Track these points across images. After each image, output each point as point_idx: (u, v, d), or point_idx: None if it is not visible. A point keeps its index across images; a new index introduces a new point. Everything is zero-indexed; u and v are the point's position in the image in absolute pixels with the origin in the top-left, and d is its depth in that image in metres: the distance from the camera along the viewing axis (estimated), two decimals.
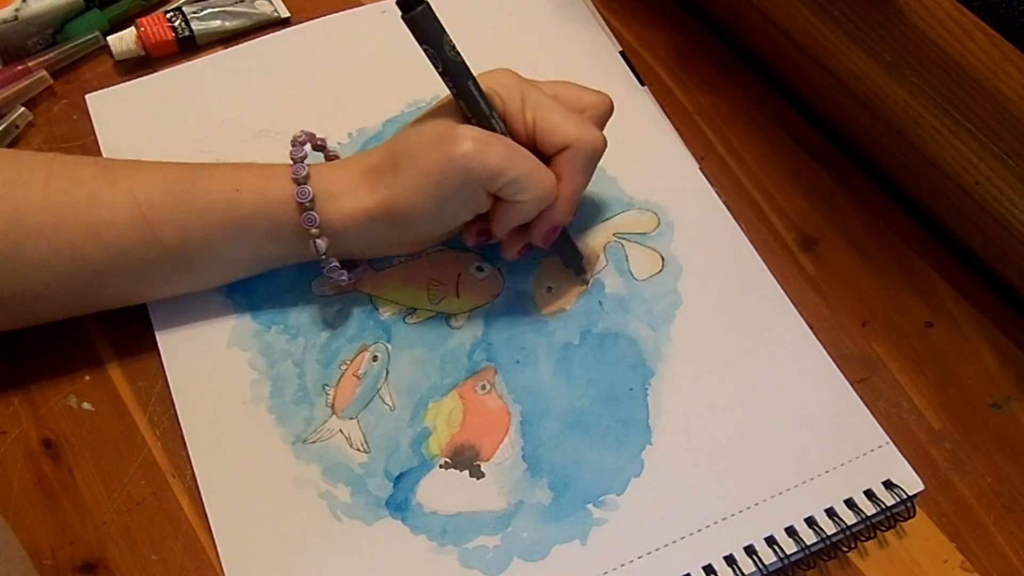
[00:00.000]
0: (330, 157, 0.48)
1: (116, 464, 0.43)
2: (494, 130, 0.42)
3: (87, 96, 0.54)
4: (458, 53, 0.41)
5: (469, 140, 0.41)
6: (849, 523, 0.41)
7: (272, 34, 0.57)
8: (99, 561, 0.41)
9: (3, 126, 0.52)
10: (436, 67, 0.41)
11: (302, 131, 0.45)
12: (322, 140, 0.47)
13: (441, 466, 0.43)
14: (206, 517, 0.41)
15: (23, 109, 0.53)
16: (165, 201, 0.42)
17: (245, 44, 0.56)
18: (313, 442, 0.43)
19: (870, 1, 0.46)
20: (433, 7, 0.41)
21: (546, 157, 0.43)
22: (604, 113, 0.45)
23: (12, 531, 0.41)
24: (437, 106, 0.44)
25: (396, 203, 0.42)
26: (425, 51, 0.41)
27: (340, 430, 0.44)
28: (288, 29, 0.57)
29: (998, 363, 0.48)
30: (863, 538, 0.42)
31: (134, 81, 0.55)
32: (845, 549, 0.42)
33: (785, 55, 0.55)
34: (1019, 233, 0.46)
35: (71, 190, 0.41)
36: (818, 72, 0.52)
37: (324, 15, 0.58)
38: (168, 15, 0.56)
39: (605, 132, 0.44)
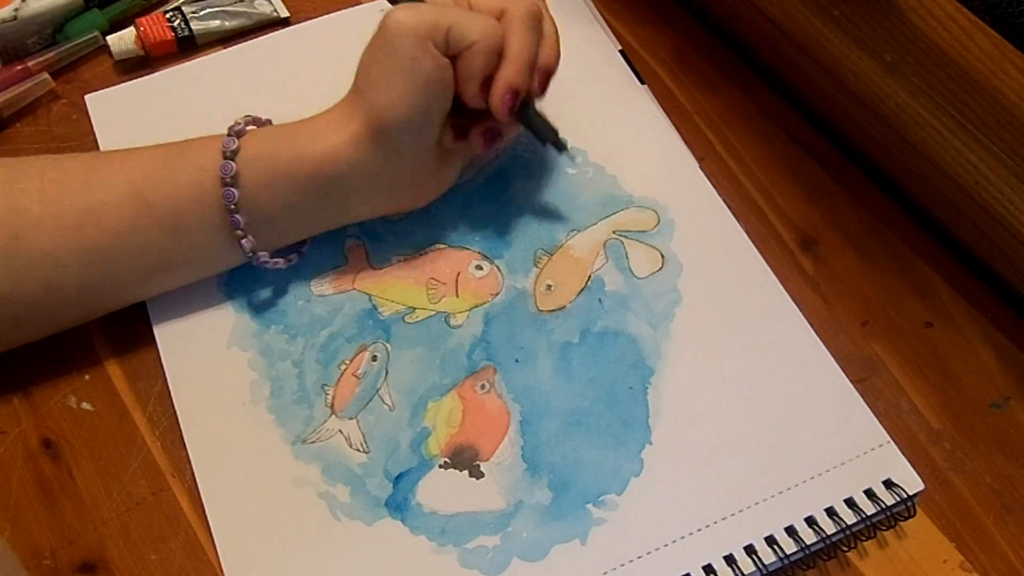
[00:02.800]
0: None
1: (116, 464, 0.43)
2: None
3: (86, 97, 0.54)
4: None
5: (399, 11, 0.42)
6: (849, 523, 0.41)
7: (271, 33, 0.57)
8: (99, 561, 0.41)
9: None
10: None
11: (246, 116, 0.46)
12: (267, 119, 0.47)
13: (441, 466, 0.43)
14: (206, 517, 0.41)
15: (46, 76, 0.54)
16: (158, 174, 0.43)
17: (244, 43, 0.56)
18: (313, 442, 0.43)
19: (870, 1, 0.46)
20: None
21: None
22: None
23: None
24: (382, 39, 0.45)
25: (374, 114, 0.43)
26: None
27: (339, 430, 0.44)
28: (288, 28, 0.57)
29: (998, 363, 0.48)
30: (863, 538, 0.42)
31: (133, 81, 0.55)
32: (845, 549, 0.42)
33: (785, 55, 0.55)
34: (1019, 233, 0.46)
35: (66, 179, 0.42)
36: (818, 72, 0.52)
37: (323, 15, 0.58)
38: (167, 15, 0.56)
39: (602, 131, 0.44)
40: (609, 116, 0.54)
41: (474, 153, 0.49)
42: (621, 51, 0.57)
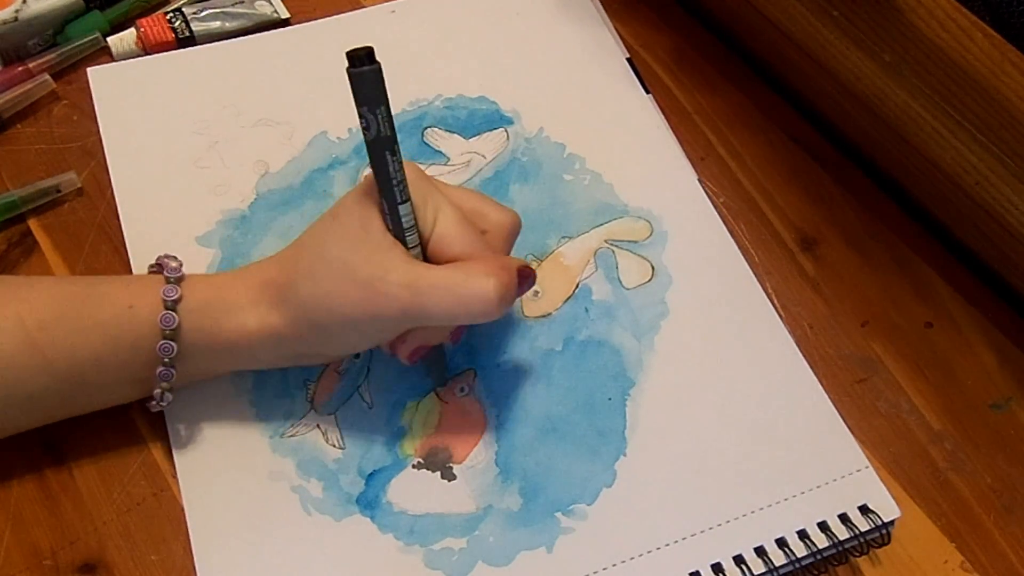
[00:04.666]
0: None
1: (116, 464, 0.43)
2: (412, 231, 0.39)
3: (88, 69, 0.54)
4: (393, 128, 0.37)
5: (402, 289, 0.37)
6: (821, 547, 0.41)
7: (276, 31, 0.57)
8: (99, 561, 0.41)
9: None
10: (367, 136, 0.37)
11: (162, 256, 0.42)
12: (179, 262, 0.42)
13: (414, 466, 0.43)
14: None
15: (47, 77, 0.53)
16: (54, 323, 0.39)
17: (250, 37, 0.57)
18: (291, 436, 0.43)
19: (870, 1, 0.46)
20: (436, 9, 0.39)
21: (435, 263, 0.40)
22: (508, 234, 0.42)
23: None
24: (348, 205, 0.40)
25: (306, 331, 0.39)
26: (361, 117, 0.37)
27: (318, 425, 0.44)
28: (293, 27, 0.57)
29: (998, 363, 0.48)
30: (835, 563, 0.42)
31: (138, 59, 0.55)
32: (816, 573, 0.41)
33: (785, 56, 0.55)
34: (1019, 233, 0.46)
35: None
36: (818, 72, 0.52)
37: (324, 16, 0.58)
38: (168, 16, 0.56)
39: (603, 138, 0.43)
40: (611, 123, 0.54)
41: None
42: (629, 59, 0.57)
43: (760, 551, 0.41)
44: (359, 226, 0.39)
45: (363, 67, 0.36)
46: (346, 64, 0.36)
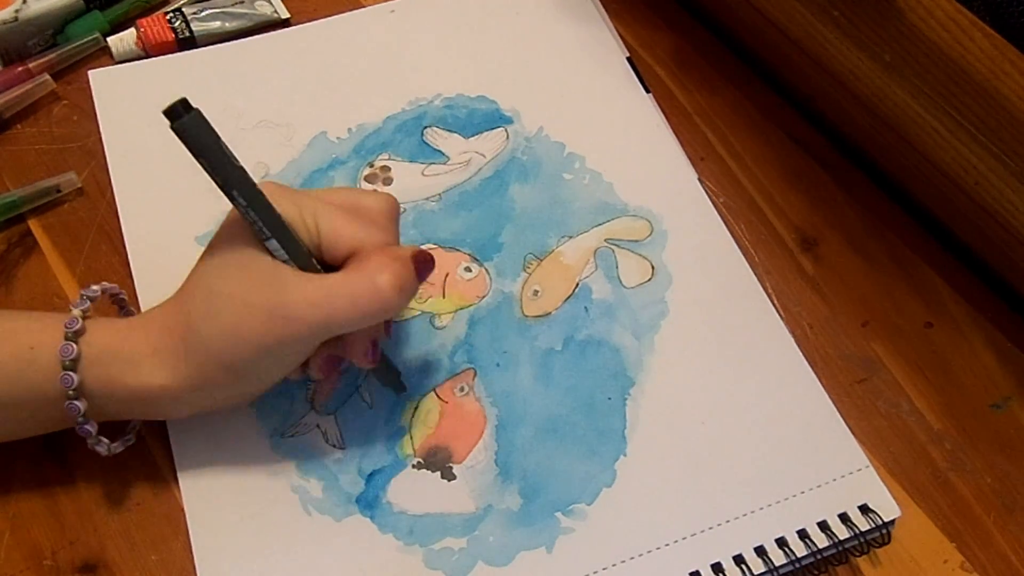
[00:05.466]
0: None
1: (116, 464, 0.43)
2: (294, 247, 0.38)
3: (89, 72, 0.54)
4: (237, 160, 0.37)
5: (302, 307, 0.37)
6: (821, 546, 0.41)
7: (276, 32, 0.57)
8: (99, 561, 0.41)
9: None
10: (217, 180, 0.36)
11: (100, 284, 0.41)
12: (122, 295, 0.43)
13: (414, 466, 0.43)
14: None
15: (47, 77, 0.53)
16: None
17: (250, 39, 0.57)
18: (291, 436, 0.43)
19: (870, 1, 0.46)
20: (436, 8, 0.39)
21: (334, 267, 0.39)
22: (389, 216, 0.41)
23: None
24: (223, 239, 0.39)
25: (213, 377, 0.38)
26: (203, 164, 0.36)
27: (317, 425, 0.44)
28: (293, 28, 0.58)
29: (998, 363, 0.48)
30: (835, 563, 0.42)
31: (138, 62, 0.55)
32: (816, 572, 0.41)
33: (785, 56, 0.55)
34: (1019, 233, 0.46)
35: None
36: (818, 72, 0.52)
37: (324, 16, 0.58)
38: (168, 16, 0.56)
39: (603, 138, 0.43)
40: (611, 122, 0.54)
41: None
42: (629, 59, 0.57)
43: (760, 551, 0.41)
44: (241, 256, 0.38)
45: (182, 118, 0.35)
46: (167, 121, 0.35)
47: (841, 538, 0.41)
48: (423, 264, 0.40)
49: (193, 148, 0.36)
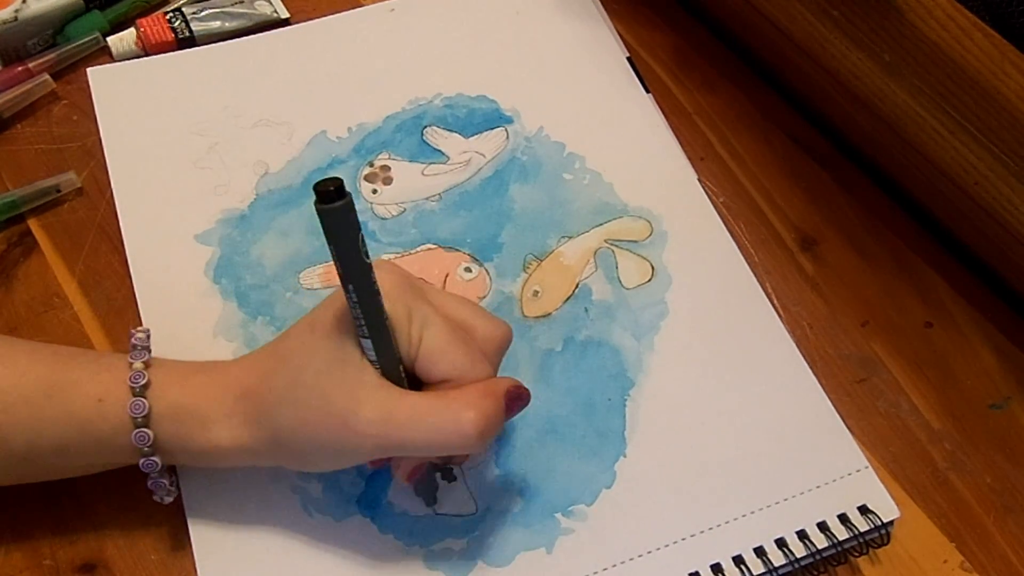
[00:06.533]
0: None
1: None
2: (386, 356, 0.37)
3: (88, 70, 0.54)
4: (367, 257, 0.35)
5: (373, 425, 0.35)
6: (820, 547, 0.41)
7: (276, 31, 0.57)
8: (99, 561, 0.41)
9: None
10: (339, 270, 0.35)
11: (140, 329, 0.40)
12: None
13: None
14: None
15: (47, 77, 0.53)
16: (18, 407, 0.37)
17: (249, 38, 0.57)
18: None
19: (869, 1, 0.46)
20: (436, 8, 0.38)
21: (422, 382, 0.38)
22: (498, 349, 0.39)
23: None
24: (325, 320, 0.37)
25: (282, 451, 0.38)
26: (331, 250, 0.34)
27: None
28: (292, 27, 0.58)
29: (998, 363, 0.48)
30: (834, 563, 0.42)
31: (137, 60, 0.55)
32: (816, 572, 0.41)
33: (785, 55, 0.55)
34: (1018, 233, 0.46)
35: None
36: (818, 72, 0.52)
37: (324, 16, 0.58)
38: (168, 16, 0.56)
39: (603, 138, 0.43)
40: (611, 123, 0.54)
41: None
42: (629, 59, 0.57)
43: (760, 551, 0.41)
44: (336, 347, 0.36)
45: (333, 203, 0.33)
46: (314, 198, 0.33)
47: (840, 539, 0.41)
48: (516, 401, 0.38)
49: (331, 235, 0.34)
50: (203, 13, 0.57)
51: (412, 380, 0.38)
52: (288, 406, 0.37)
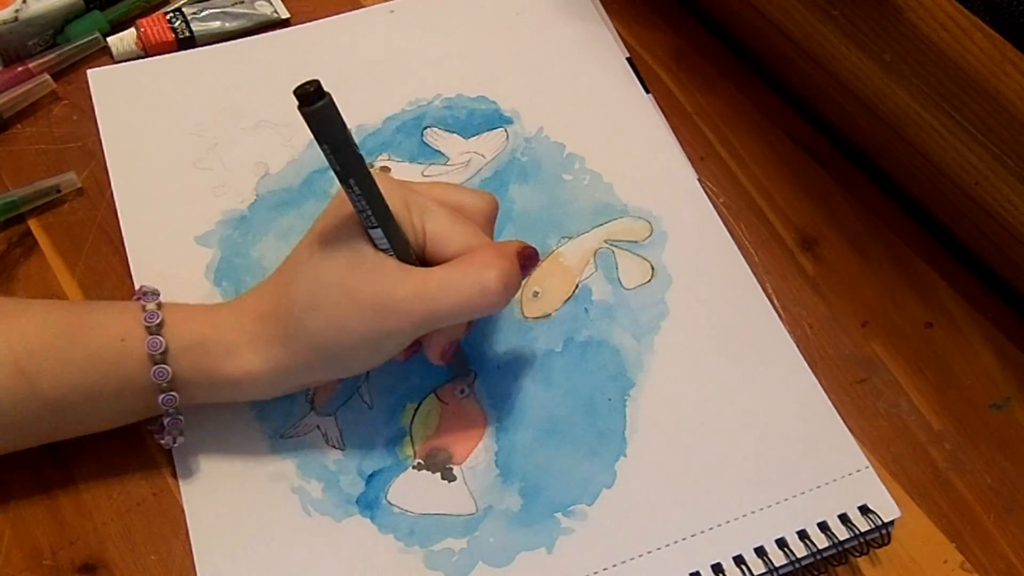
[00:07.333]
0: None
1: (116, 464, 0.43)
2: (398, 239, 0.38)
3: (88, 71, 0.54)
4: (358, 148, 0.36)
5: (411, 302, 0.37)
6: (820, 547, 0.41)
7: (276, 32, 0.57)
8: (99, 561, 0.41)
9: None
10: (335, 168, 0.36)
11: (140, 288, 0.41)
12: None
13: (414, 467, 0.43)
14: None
15: (47, 77, 0.53)
16: (43, 351, 0.38)
17: (249, 39, 0.57)
18: (291, 436, 0.43)
19: (870, 1, 0.46)
20: (436, 9, 0.39)
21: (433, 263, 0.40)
22: (489, 217, 0.42)
23: None
24: (328, 227, 0.39)
25: (318, 360, 0.39)
26: (324, 150, 0.36)
27: (318, 426, 0.44)
28: (292, 28, 0.58)
29: (998, 363, 0.48)
30: (835, 563, 0.42)
31: (137, 62, 0.55)
32: (816, 572, 0.41)
33: (785, 56, 0.55)
34: (1018, 233, 0.46)
35: None
36: (818, 72, 0.52)
37: (324, 16, 0.58)
38: (168, 16, 0.56)
39: (602, 138, 0.43)
40: (611, 123, 0.54)
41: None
42: (629, 59, 0.57)
43: (760, 551, 0.41)
44: (348, 248, 0.38)
45: (315, 104, 0.34)
46: (296, 103, 0.34)
47: (841, 539, 0.41)
48: (528, 259, 0.40)
49: (319, 135, 0.35)
50: (203, 13, 0.57)
51: (422, 265, 0.39)
52: (314, 311, 0.38)
